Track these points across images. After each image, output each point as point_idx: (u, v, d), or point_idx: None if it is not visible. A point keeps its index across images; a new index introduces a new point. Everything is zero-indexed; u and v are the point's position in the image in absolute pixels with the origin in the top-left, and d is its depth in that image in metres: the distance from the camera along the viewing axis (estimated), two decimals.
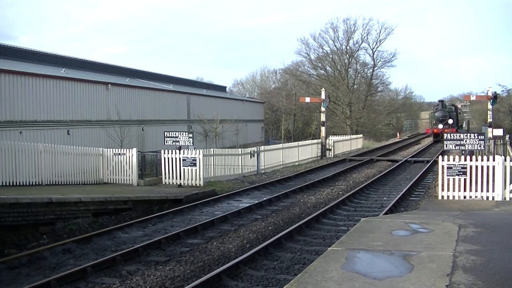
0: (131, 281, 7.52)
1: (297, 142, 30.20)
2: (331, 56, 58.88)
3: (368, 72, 60.65)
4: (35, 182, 14.58)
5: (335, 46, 58.54)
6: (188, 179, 17.41)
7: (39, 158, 14.82)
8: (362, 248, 6.76)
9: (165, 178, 17.81)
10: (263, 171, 22.85)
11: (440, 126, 42.68)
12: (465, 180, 13.34)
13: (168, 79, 42.67)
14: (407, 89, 74.76)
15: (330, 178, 19.80)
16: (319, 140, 31.39)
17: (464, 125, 54.03)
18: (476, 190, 13.34)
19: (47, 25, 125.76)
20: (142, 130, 29.53)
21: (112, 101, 26.79)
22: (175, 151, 17.59)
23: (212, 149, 19.86)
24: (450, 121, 43.04)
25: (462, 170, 13.22)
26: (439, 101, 47.26)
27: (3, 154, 13.66)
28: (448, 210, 10.98)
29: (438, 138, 41.83)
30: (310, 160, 28.94)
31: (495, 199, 13.10)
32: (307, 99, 36.35)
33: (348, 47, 58.29)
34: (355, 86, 60.37)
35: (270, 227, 11.20)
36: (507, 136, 25.24)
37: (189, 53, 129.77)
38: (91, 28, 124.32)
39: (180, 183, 17.39)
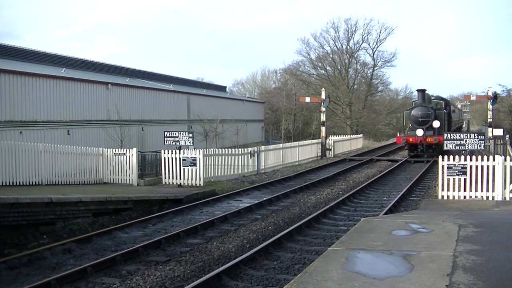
0: (131, 281, 7.52)
1: (297, 142, 30.20)
2: (331, 55, 58.85)
3: (368, 72, 60.62)
4: (35, 182, 14.58)
5: (336, 46, 58.55)
6: (188, 179, 17.41)
7: (39, 158, 14.82)
8: (362, 248, 6.76)
9: (165, 178, 17.81)
10: (263, 171, 22.85)
11: (419, 132, 26.66)
12: (465, 180, 13.36)
13: (168, 79, 42.68)
14: (407, 89, 74.65)
15: (330, 178, 19.81)
16: (319, 140, 31.41)
17: (464, 125, 53.53)
18: (476, 190, 13.35)
19: (47, 25, 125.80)
20: (142, 130, 29.54)
21: (112, 101, 26.80)
22: (175, 151, 17.59)
23: (212, 149, 19.86)
24: (436, 124, 26.69)
25: (462, 170, 13.23)
26: (418, 91, 29.07)
27: (3, 154, 13.66)
28: (448, 210, 10.99)
29: (416, 151, 27.65)
30: (310, 160, 28.94)
31: (495, 199, 13.11)
32: (307, 99, 36.37)
33: (348, 47, 58.29)
34: (355, 86, 60.32)
35: (270, 227, 11.20)
36: (507, 136, 25.25)
37: (189, 53, 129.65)
38: (91, 28, 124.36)
39: (180, 183, 17.39)
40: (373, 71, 60.06)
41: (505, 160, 13.31)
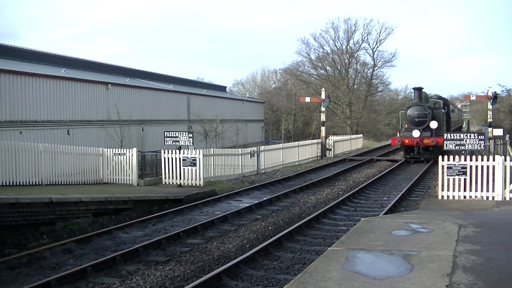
0: (131, 281, 7.52)
1: (297, 142, 30.21)
2: (331, 56, 58.82)
3: (368, 72, 60.58)
4: (35, 182, 14.58)
5: (336, 46, 58.52)
6: (188, 179, 17.41)
7: (39, 158, 14.82)
8: (362, 248, 6.76)
9: (165, 178, 17.81)
10: (263, 171, 22.85)
11: (416, 133, 25.07)
12: (465, 180, 13.36)
13: (168, 79, 42.68)
14: (407, 89, 74.34)
15: (330, 178, 19.81)
16: (319, 140, 31.40)
17: (464, 125, 53.39)
18: (476, 190, 13.35)
19: (47, 25, 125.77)
20: (142, 130, 29.54)
21: (112, 101, 26.80)
22: (175, 151, 17.59)
23: (212, 149, 19.86)
24: (434, 124, 25.15)
25: (462, 170, 13.23)
26: (414, 89, 27.53)
27: (3, 154, 13.66)
28: (448, 210, 10.99)
29: (412, 153, 25.90)
30: (310, 160, 28.94)
31: (495, 199, 13.11)
32: (307, 99, 36.36)
33: (348, 47, 58.26)
34: (355, 86, 60.28)
35: (270, 227, 11.20)
36: (507, 136, 25.24)
37: (189, 53, 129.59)
38: (91, 28, 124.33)
39: (180, 183, 17.39)
40: (373, 71, 60.06)
41: (505, 160, 13.31)
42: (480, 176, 13.28)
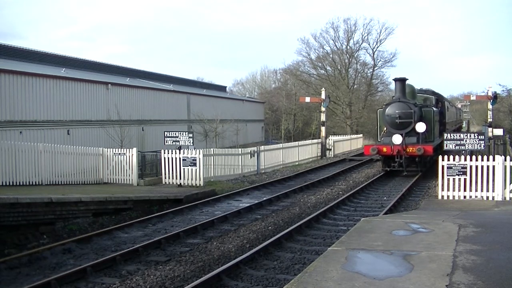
0: (131, 281, 7.53)
1: (297, 142, 30.21)
2: (331, 55, 58.78)
3: (368, 72, 60.50)
4: (35, 182, 14.59)
5: (336, 45, 58.45)
6: (188, 179, 17.41)
7: (39, 158, 14.82)
8: (362, 248, 6.76)
9: (165, 178, 17.81)
10: (263, 171, 22.85)
11: (397, 139, 18.88)
12: (465, 180, 13.36)
13: (168, 79, 42.66)
14: None
15: (330, 178, 19.81)
16: (319, 140, 31.41)
17: (464, 125, 53.19)
18: (476, 190, 13.36)
19: (47, 25, 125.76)
20: (142, 130, 29.54)
21: (112, 101, 26.80)
22: (175, 151, 17.60)
23: (212, 149, 19.86)
24: (421, 127, 19.00)
25: (462, 170, 13.24)
26: (395, 80, 20.40)
27: (3, 154, 13.66)
28: (448, 210, 10.99)
29: (393, 166, 19.66)
30: (310, 160, 28.94)
31: (495, 199, 13.11)
32: (307, 99, 36.35)
33: (348, 47, 58.19)
34: (355, 86, 60.23)
35: (270, 227, 11.20)
36: (507, 136, 25.23)
37: (189, 53, 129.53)
38: (91, 28, 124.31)
39: (180, 183, 17.39)
40: (373, 71, 59.96)
41: (505, 160, 13.31)
42: (480, 176, 13.28)
